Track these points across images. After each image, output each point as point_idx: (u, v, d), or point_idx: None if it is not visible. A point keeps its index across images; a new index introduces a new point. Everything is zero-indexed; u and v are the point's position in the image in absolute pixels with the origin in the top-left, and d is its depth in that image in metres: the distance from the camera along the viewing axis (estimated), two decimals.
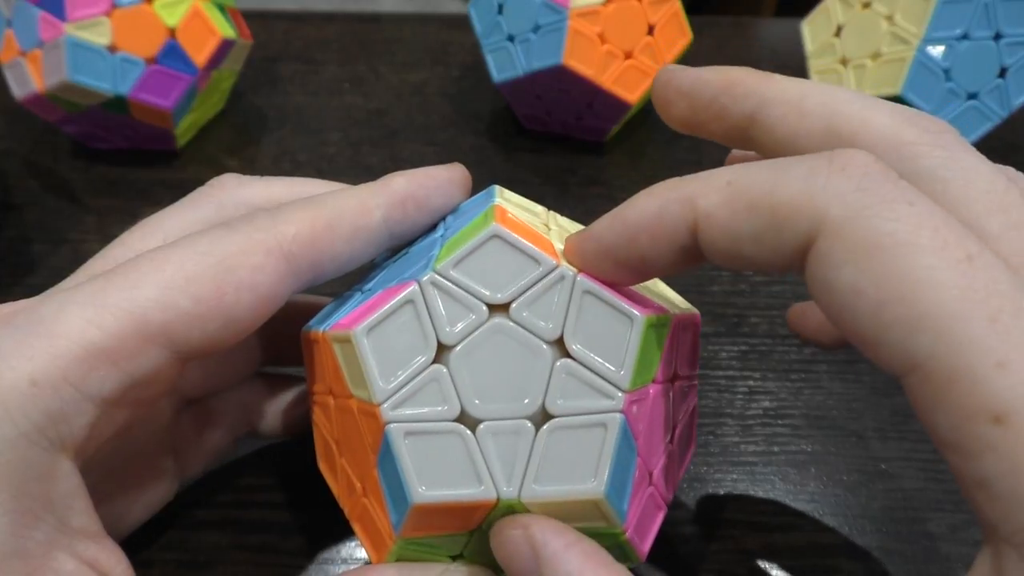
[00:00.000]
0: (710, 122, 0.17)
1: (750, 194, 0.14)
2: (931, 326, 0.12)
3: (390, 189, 0.18)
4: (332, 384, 0.17)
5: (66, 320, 0.15)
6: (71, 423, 0.15)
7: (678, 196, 0.14)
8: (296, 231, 0.17)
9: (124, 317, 0.15)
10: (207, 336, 0.16)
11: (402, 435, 0.15)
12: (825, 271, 0.13)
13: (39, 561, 0.14)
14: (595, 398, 0.15)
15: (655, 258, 0.15)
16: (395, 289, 0.16)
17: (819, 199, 0.13)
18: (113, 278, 0.16)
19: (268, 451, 0.25)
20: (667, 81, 0.17)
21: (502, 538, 0.15)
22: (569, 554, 0.14)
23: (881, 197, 0.13)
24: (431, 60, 0.43)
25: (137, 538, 0.21)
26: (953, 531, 0.23)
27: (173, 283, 0.15)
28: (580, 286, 0.15)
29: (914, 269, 0.12)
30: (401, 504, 0.15)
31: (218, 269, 0.16)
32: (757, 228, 0.14)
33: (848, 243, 0.12)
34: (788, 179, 0.13)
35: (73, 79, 0.31)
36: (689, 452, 0.19)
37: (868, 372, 0.28)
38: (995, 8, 0.31)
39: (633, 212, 0.15)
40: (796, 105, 0.16)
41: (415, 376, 0.15)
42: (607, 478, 0.15)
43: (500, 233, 0.15)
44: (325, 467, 0.19)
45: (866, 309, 0.12)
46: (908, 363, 0.12)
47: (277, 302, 0.17)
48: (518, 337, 0.15)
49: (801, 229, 0.13)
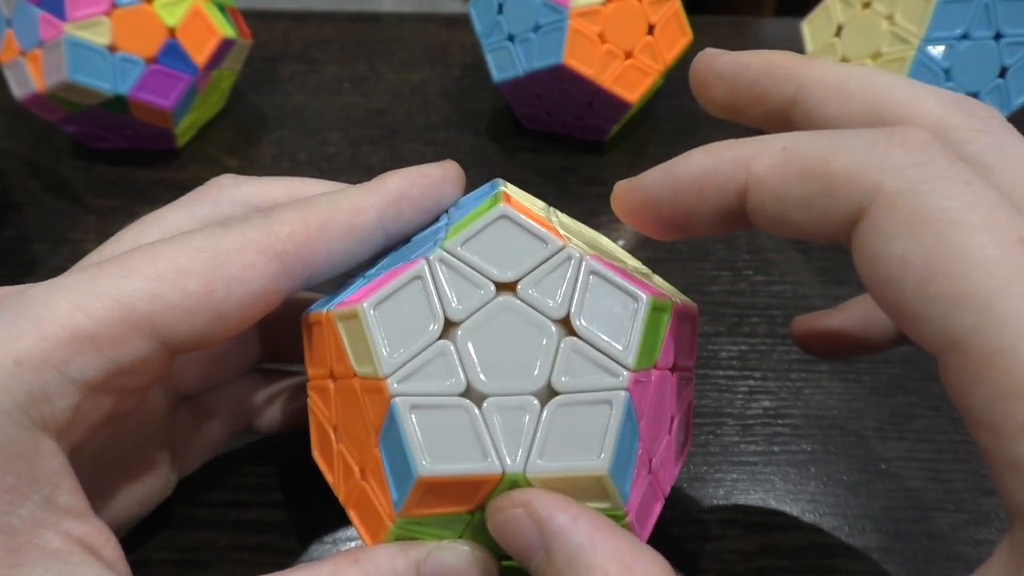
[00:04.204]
0: (750, 106, 0.17)
1: (805, 160, 0.14)
2: (977, 303, 0.12)
3: (385, 188, 0.18)
4: (334, 365, 0.17)
5: (54, 304, 0.15)
6: (53, 404, 0.15)
7: (732, 156, 0.15)
8: (290, 230, 0.17)
9: (111, 305, 0.15)
10: (196, 330, 0.16)
11: (408, 408, 0.15)
12: (875, 242, 0.13)
13: (24, 538, 0.15)
14: (600, 376, 0.15)
15: (699, 215, 0.15)
16: (402, 267, 0.16)
17: (875, 170, 0.13)
18: (105, 267, 0.16)
19: (267, 451, 0.25)
20: (707, 64, 0.17)
21: (502, 517, 0.15)
22: (576, 526, 0.14)
23: (938, 173, 0.13)
24: (431, 60, 0.43)
25: (136, 538, 0.21)
26: (953, 531, 0.23)
27: (164, 276, 0.16)
28: (587, 266, 0.16)
29: (965, 246, 0.12)
30: (404, 479, 0.15)
31: (210, 265, 0.16)
32: (809, 194, 0.14)
33: (901, 216, 0.13)
34: (846, 148, 0.13)
35: (73, 79, 0.31)
36: (685, 449, 0.19)
37: (868, 372, 0.28)
38: (995, 8, 0.31)
39: (685, 167, 0.15)
40: (838, 88, 0.16)
41: (421, 350, 0.15)
42: (611, 455, 0.15)
43: (508, 214, 0.16)
44: (320, 456, 0.19)
45: (912, 282, 0.12)
46: (949, 339, 0.12)
47: (269, 300, 0.17)
48: (525, 315, 0.15)
49: (854, 198, 0.13)
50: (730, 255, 0.32)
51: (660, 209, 0.16)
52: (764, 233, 0.33)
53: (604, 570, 0.14)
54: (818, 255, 0.33)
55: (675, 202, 0.15)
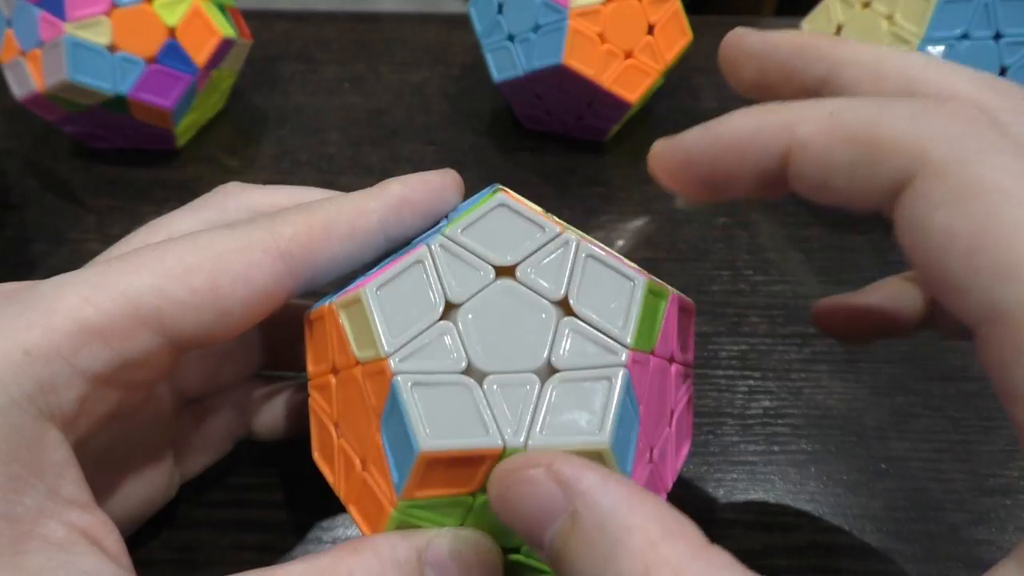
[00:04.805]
0: (780, 85, 0.17)
1: (852, 126, 0.14)
2: (1023, 275, 0.12)
3: (387, 193, 0.18)
4: (335, 357, 0.17)
5: (64, 297, 0.15)
6: (60, 395, 0.15)
7: (776, 120, 0.14)
8: (294, 231, 0.17)
9: (119, 299, 0.16)
10: (201, 326, 0.16)
11: (409, 385, 0.15)
12: (920, 211, 0.13)
13: (28, 526, 0.15)
14: (600, 354, 0.15)
15: (737, 178, 0.15)
16: (404, 255, 0.16)
17: (924, 139, 0.13)
18: (115, 263, 0.16)
19: (268, 451, 0.25)
20: (737, 43, 0.18)
21: (514, 479, 0.14)
22: (609, 486, 0.13)
23: (988, 145, 0.13)
24: (431, 60, 0.43)
25: (137, 538, 0.21)
26: (953, 531, 0.23)
27: (171, 272, 0.16)
28: (584, 250, 0.16)
29: (1014, 218, 0.12)
30: (406, 458, 0.15)
31: (216, 263, 0.16)
32: (854, 160, 0.14)
33: (949, 185, 0.12)
34: (894, 115, 0.13)
35: (73, 79, 0.31)
36: (686, 446, 0.19)
37: (868, 372, 0.28)
38: (995, 8, 0.31)
39: (727, 129, 0.15)
40: (872, 68, 0.16)
41: (423, 331, 0.15)
42: (612, 430, 0.15)
43: (506, 202, 0.16)
44: (321, 457, 0.19)
45: (958, 252, 0.12)
46: (992, 311, 0.12)
47: (273, 300, 0.17)
48: (524, 297, 0.16)
49: (901, 166, 0.13)
50: (730, 255, 0.32)
51: (699, 169, 0.16)
52: (764, 233, 0.33)
53: (644, 530, 0.12)
54: (818, 255, 0.33)
55: (715, 163, 0.15)
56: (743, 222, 0.34)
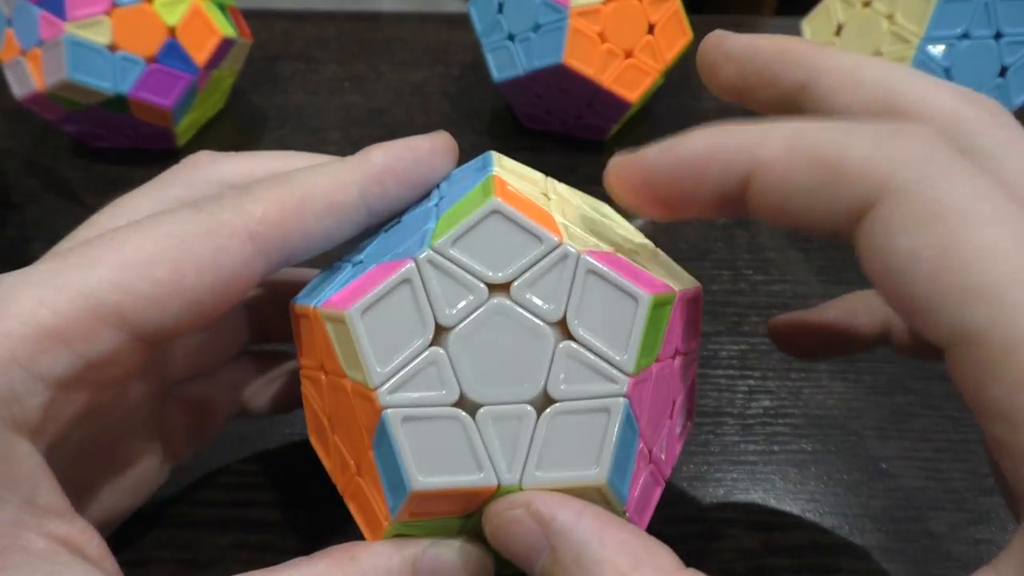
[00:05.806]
0: (758, 89, 0.17)
1: (814, 149, 0.13)
2: (991, 296, 0.12)
3: (368, 163, 0.17)
4: (324, 360, 0.16)
5: (17, 300, 0.14)
6: (23, 403, 0.14)
7: (737, 141, 0.14)
8: (264, 211, 0.16)
9: (77, 298, 0.15)
10: (168, 319, 0.15)
11: (400, 421, 0.14)
12: (883, 235, 0.13)
13: (6, 541, 0.14)
14: (598, 382, 0.15)
15: (695, 199, 0.15)
16: (390, 266, 0.15)
17: (886, 163, 0.13)
18: (70, 258, 0.15)
19: (268, 451, 0.25)
20: (716, 45, 0.17)
21: (501, 520, 0.15)
22: (582, 522, 0.14)
23: (947, 168, 0.13)
24: (431, 59, 0.43)
25: (136, 538, 0.21)
26: (953, 530, 0.23)
27: (130, 264, 0.15)
28: (584, 265, 0.15)
29: (976, 239, 0.12)
30: (399, 490, 0.15)
31: (179, 250, 0.15)
32: (815, 184, 0.13)
33: (911, 209, 0.12)
34: (855, 139, 0.13)
35: (73, 78, 0.31)
36: (688, 424, 0.19)
37: (868, 372, 0.28)
38: (995, 7, 0.31)
39: (686, 149, 0.15)
40: (851, 76, 0.15)
41: (412, 359, 0.15)
42: (610, 464, 0.15)
43: (500, 208, 0.15)
44: (316, 441, 0.18)
45: (923, 275, 0.12)
46: (961, 333, 0.12)
47: (244, 284, 0.16)
48: (519, 319, 0.15)
49: (862, 191, 0.13)
50: (730, 255, 0.32)
51: (657, 188, 0.15)
52: (764, 233, 0.33)
53: (614, 564, 0.13)
54: (818, 254, 0.33)
55: (673, 182, 0.15)
56: (743, 222, 0.34)
